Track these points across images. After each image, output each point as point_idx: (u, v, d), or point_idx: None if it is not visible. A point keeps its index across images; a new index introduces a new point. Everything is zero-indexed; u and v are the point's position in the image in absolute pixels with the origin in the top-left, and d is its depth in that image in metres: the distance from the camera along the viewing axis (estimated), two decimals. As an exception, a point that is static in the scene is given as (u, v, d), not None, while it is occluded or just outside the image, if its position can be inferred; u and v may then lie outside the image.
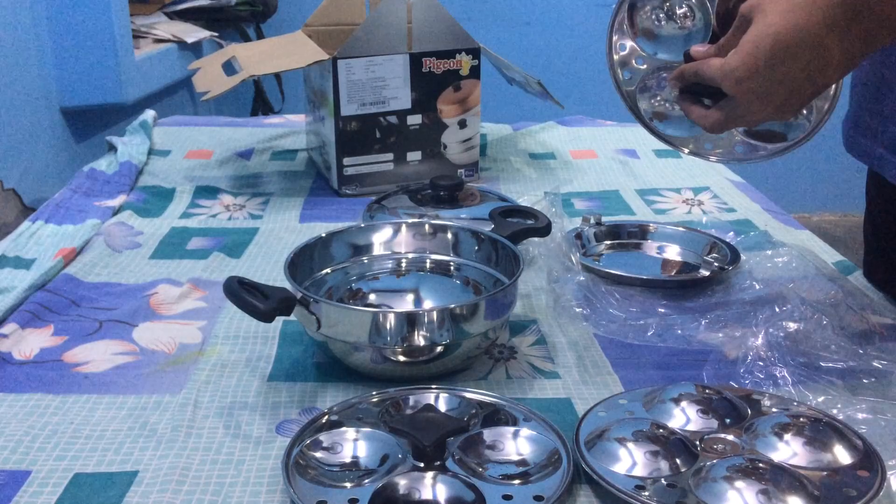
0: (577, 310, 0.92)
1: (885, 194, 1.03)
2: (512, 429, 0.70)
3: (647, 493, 0.62)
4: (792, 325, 0.85)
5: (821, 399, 0.75)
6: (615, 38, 0.90)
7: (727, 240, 1.08)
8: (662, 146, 1.60)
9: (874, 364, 0.80)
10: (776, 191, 2.13)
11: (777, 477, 0.63)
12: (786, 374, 0.79)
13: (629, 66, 0.91)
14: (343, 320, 0.78)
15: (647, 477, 0.64)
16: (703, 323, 0.89)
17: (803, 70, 0.70)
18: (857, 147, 0.98)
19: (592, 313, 0.92)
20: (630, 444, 0.67)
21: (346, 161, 1.27)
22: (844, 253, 1.13)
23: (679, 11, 0.87)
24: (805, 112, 0.86)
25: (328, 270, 0.91)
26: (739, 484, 0.62)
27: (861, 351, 0.82)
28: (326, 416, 0.72)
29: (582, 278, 0.96)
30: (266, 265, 1.06)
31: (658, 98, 0.91)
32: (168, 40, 2.09)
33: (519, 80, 1.46)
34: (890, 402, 0.74)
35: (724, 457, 0.66)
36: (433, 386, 0.76)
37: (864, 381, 0.78)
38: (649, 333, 0.88)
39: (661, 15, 0.88)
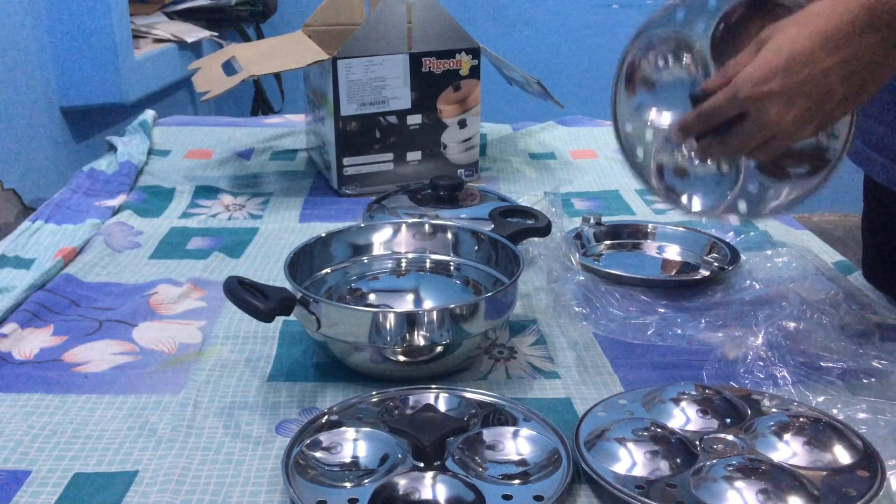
0: (577, 310, 0.92)
1: (881, 195, 1.03)
2: (512, 429, 0.70)
3: (646, 493, 0.62)
4: (792, 325, 0.85)
5: (821, 399, 0.75)
6: (620, 96, 0.87)
7: (727, 240, 1.08)
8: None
9: (874, 364, 0.80)
10: (776, 191, 2.13)
11: (777, 477, 0.63)
12: (786, 374, 0.79)
13: (637, 124, 0.87)
14: (343, 320, 0.78)
15: (647, 477, 0.64)
16: (703, 323, 0.89)
17: (825, 74, 0.69)
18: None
19: (592, 313, 0.92)
20: (630, 444, 0.67)
21: (345, 161, 1.27)
22: (844, 253, 1.13)
23: (682, 65, 0.84)
24: (826, 140, 0.82)
25: (328, 270, 0.91)
26: (739, 484, 0.62)
27: (861, 351, 0.82)
28: (326, 416, 0.72)
29: (582, 278, 0.96)
30: (266, 265, 1.06)
31: (680, 154, 0.87)
32: (168, 40, 2.09)
33: (519, 80, 1.46)
34: (890, 402, 0.74)
35: (724, 457, 0.66)
36: (433, 386, 0.76)
37: (864, 381, 0.78)
38: (649, 333, 0.88)
39: (663, 70, 0.85)
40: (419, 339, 0.77)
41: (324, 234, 0.91)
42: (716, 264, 1.03)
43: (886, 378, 0.78)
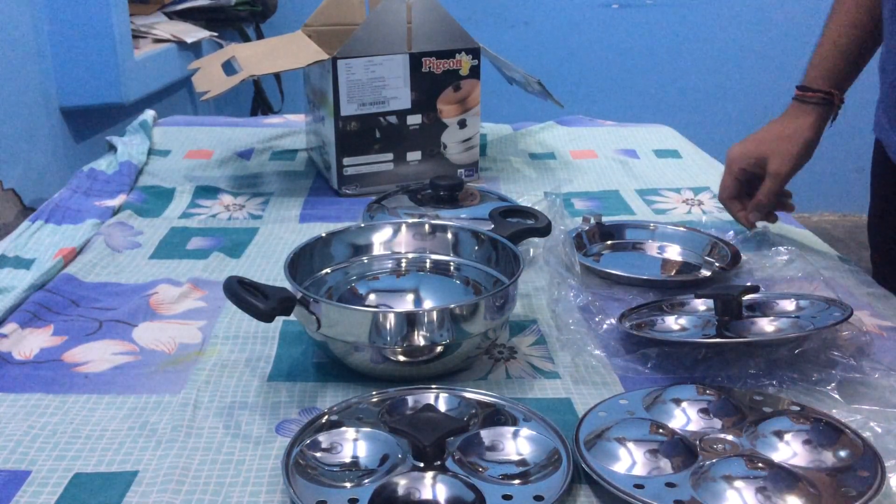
0: (577, 310, 0.92)
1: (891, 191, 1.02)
2: (512, 429, 0.70)
3: (646, 493, 0.62)
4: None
5: (819, 401, 0.75)
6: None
7: (728, 240, 1.08)
8: (663, 146, 1.60)
9: (868, 371, 0.79)
10: (776, 191, 2.13)
11: (777, 477, 0.63)
12: (785, 375, 0.79)
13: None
14: (343, 320, 0.78)
15: (646, 477, 0.64)
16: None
17: None
18: (882, 131, 0.97)
19: (593, 314, 0.91)
20: (630, 444, 0.67)
21: (345, 161, 1.27)
22: (844, 253, 1.13)
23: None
24: None
25: (328, 270, 0.91)
26: (739, 484, 0.62)
27: (856, 359, 0.81)
28: (326, 416, 0.72)
29: (582, 278, 0.95)
30: (266, 265, 1.06)
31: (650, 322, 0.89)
32: (168, 40, 2.09)
33: (519, 80, 1.46)
34: (888, 408, 0.74)
35: (724, 457, 0.66)
36: (433, 386, 0.76)
37: (860, 388, 0.78)
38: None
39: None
40: (419, 339, 0.77)
41: (324, 234, 0.91)
42: (717, 264, 1.03)
43: (880, 387, 0.78)
